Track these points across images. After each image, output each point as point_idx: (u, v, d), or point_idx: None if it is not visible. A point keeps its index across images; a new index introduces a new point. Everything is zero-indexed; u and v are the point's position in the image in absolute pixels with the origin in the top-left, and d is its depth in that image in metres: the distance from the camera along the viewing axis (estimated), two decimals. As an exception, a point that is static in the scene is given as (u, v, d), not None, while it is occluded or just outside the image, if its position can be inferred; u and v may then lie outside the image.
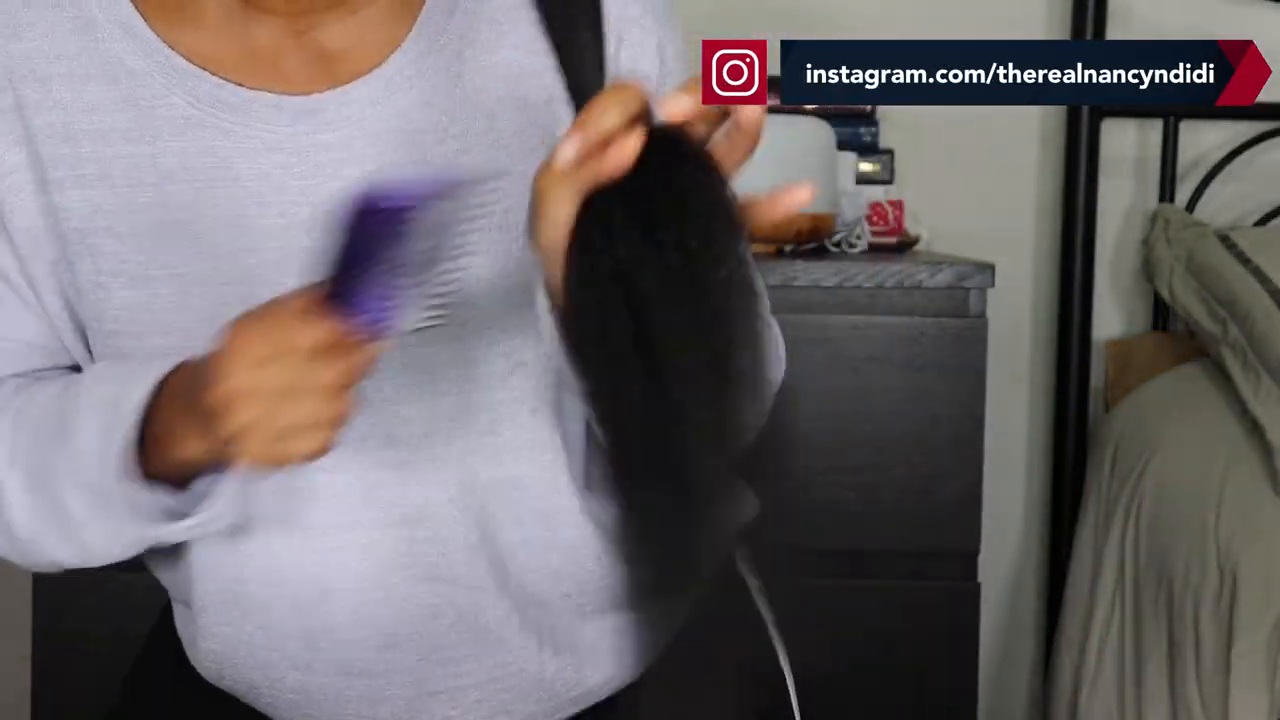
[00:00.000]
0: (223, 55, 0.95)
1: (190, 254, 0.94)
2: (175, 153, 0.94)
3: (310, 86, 0.96)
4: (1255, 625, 1.68)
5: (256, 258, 0.95)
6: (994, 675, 2.29)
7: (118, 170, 0.94)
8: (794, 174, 1.79)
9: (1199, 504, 1.83)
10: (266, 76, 0.95)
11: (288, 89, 0.95)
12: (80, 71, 0.94)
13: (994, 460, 1.91)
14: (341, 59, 0.96)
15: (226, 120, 0.94)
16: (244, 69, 0.95)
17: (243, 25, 0.95)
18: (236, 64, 0.95)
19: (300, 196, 0.95)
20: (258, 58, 0.95)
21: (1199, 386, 2.04)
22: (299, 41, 0.96)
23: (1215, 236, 2.09)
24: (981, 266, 1.75)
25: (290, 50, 0.96)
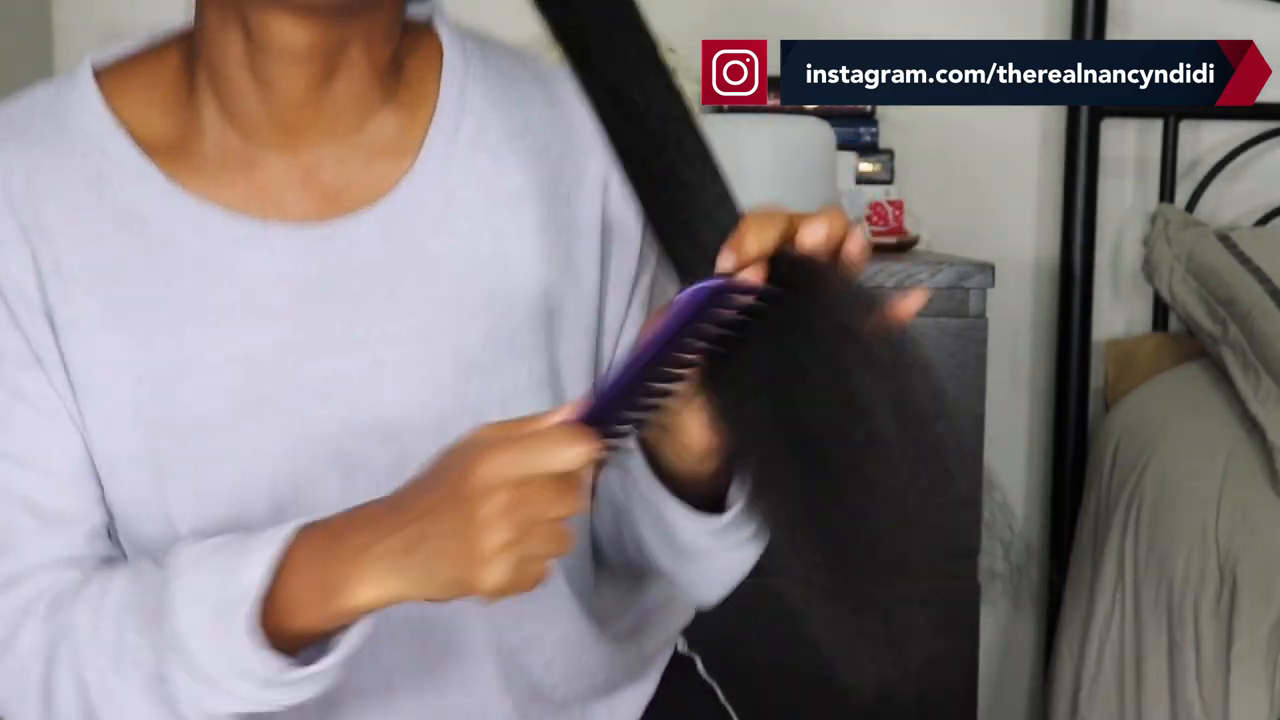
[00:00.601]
0: (229, 193, 0.96)
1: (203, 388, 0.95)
2: (188, 291, 0.95)
3: (317, 217, 0.97)
4: (1255, 625, 1.68)
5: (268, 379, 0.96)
6: (994, 675, 2.29)
7: (135, 310, 0.95)
8: (794, 174, 1.80)
9: (1199, 504, 1.83)
10: (273, 210, 0.96)
11: (294, 220, 0.97)
12: (93, 222, 0.95)
13: (994, 460, 1.91)
14: (346, 190, 0.98)
15: (238, 254, 0.96)
16: (252, 204, 0.96)
17: (246, 164, 0.97)
18: (244, 200, 0.96)
19: (315, 325, 0.96)
20: (264, 193, 0.97)
21: (1199, 386, 2.04)
22: (302, 176, 0.97)
23: (1215, 236, 2.09)
24: (981, 266, 1.75)
25: (294, 184, 0.97)
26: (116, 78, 0.99)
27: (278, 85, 0.94)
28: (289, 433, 0.96)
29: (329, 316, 0.96)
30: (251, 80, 0.94)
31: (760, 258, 0.83)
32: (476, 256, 0.98)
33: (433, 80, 1.01)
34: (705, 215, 0.86)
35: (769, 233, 0.83)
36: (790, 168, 1.79)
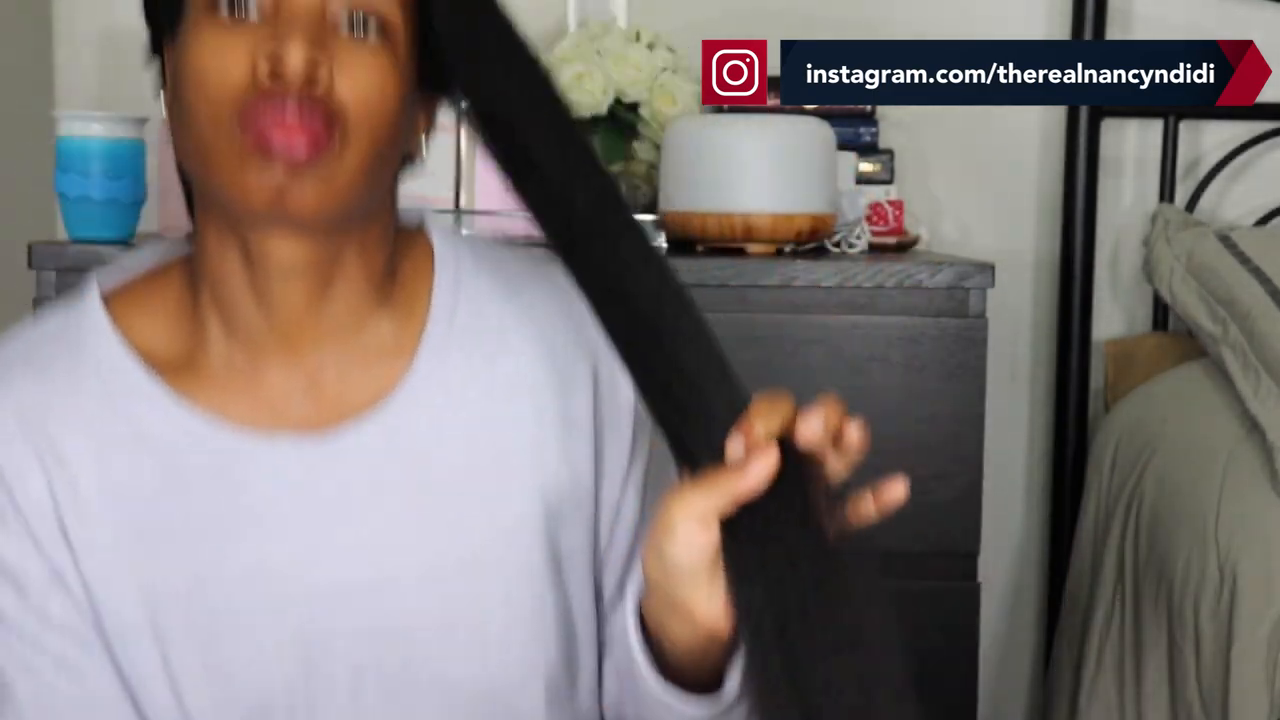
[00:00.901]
0: (236, 407, 1.01)
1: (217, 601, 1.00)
2: (200, 507, 1.00)
3: (322, 425, 1.01)
4: (1255, 625, 1.68)
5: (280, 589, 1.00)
6: (994, 675, 2.29)
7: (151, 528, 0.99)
8: (794, 174, 1.80)
9: (1199, 504, 1.83)
10: (279, 420, 1.01)
11: (300, 429, 1.01)
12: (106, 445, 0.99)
13: (994, 460, 1.91)
14: (347, 395, 1.03)
15: (247, 468, 1.00)
16: (259, 417, 1.01)
17: (251, 377, 1.01)
18: (251, 413, 1.01)
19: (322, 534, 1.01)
20: (270, 405, 1.01)
21: (1199, 386, 2.04)
22: (305, 384, 1.02)
23: (1215, 236, 2.09)
24: (981, 266, 1.75)
25: (298, 394, 1.02)
26: (123, 300, 1.04)
27: (277, 300, 0.99)
28: (301, 637, 1.00)
29: (336, 525, 1.01)
30: (252, 296, 0.99)
31: (767, 444, 0.86)
32: (475, 453, 1.03)
33: (426, 280, 1.06)
34: (709, 402, 0.90)
35: (774, 421, 0.88)
36: (790, 168, 1.79)
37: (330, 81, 0.94)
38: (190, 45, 0.96)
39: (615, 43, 1.99)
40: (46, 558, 1.00)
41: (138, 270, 1.07)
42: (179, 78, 0.98)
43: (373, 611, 1.01)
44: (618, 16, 2.13)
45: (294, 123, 0.93)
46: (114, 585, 1.00)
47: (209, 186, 0.97)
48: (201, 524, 1.00)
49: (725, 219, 1.77)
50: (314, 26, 0.95)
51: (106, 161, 1.66)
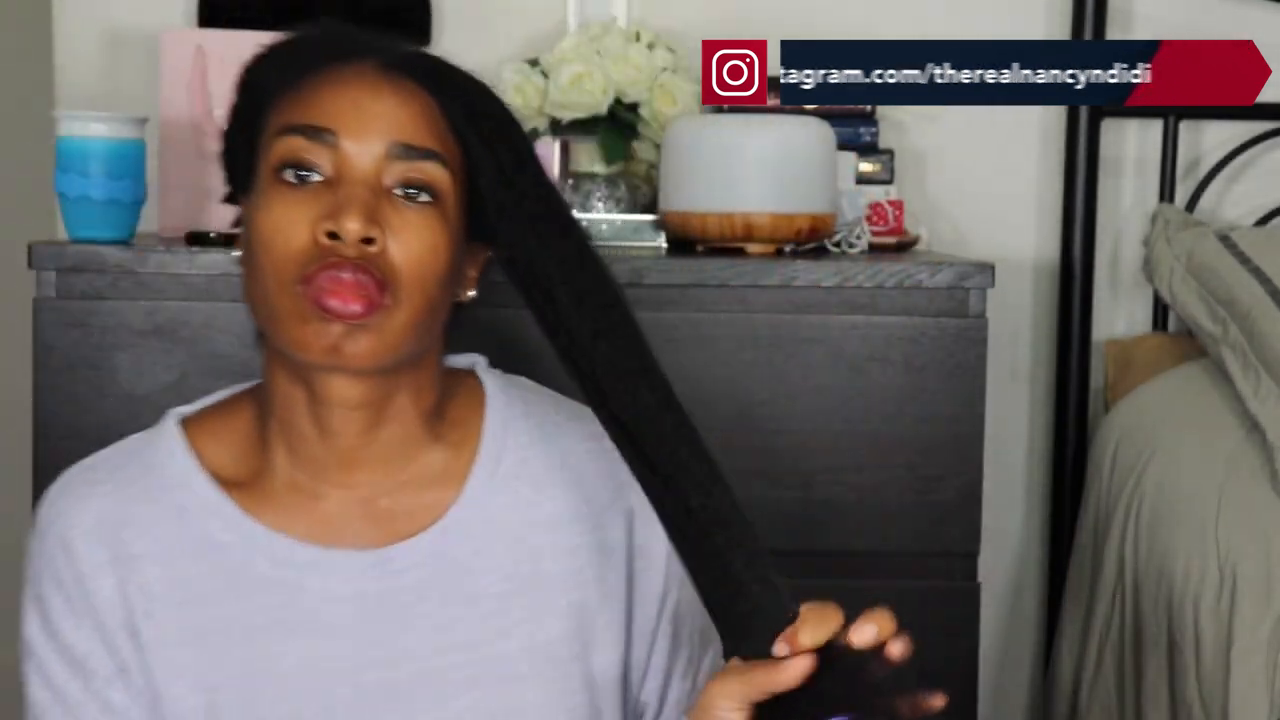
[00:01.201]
0: (297, 525, 1.13)
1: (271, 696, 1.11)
2: (260, 609, 1.11)
3: (375, 543, 1.13)
4: (1255, 625, 1.68)
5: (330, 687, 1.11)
6: (994, 675, 2.29)
7: (213, 627, 1.11)
8: (794, 174, 1.80)
9: (1199, 504, 1.83)
10: (336, 538, 1.13)
11: (356, 545, 1.13)
12: (176, 551, 1.11)
13: (994, 460, 1.91)
14: (399, 518, 1.14)
15: (305, 577, 1.12)
16: (316, 533, 1.13)
17: (312, 499, 1.14)
18: (310, 530, 1.13)
19: (371, 638, 1.12)
20: (328, 524, 1.13)
21: (1199, 386, 2.04)
22: (361, 507, 1.14)
23: (1215, 236, 2.09)
24: (981, 266, 1.75)
25: (355, 516, 1.14)
26: (198, 426, 1.17)
27: (336, 429, 1.12)
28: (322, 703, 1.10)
29: (384, 631, 1.12)
30: (314, 427, 1.12)
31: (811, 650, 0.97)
32: (516, 576, 1.15)
33: (476, 420, 1.19)
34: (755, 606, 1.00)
35: (822, 631, 0.98)
36: (790, 168, 1.79)
37: (384, 244, 1.07)
38: (260, 207, 1.09)
39: (615, 43, 1.99)
40: (114, 651, 1.11)
41: (213, 402, 1.20)
42: (249, 233, 1.11)
43: (414, 711, 1.11)
44: (618, 16, 2.13)
45: (350, 286, 1.05)
46: (177, 677, 1.10)
47: (273, 337, 1.10)
48: (260, 624, 1.11)
49: (725, 219, 1.77)
50: (370, 192, 1.07)
51: (106, 161, 1.66)
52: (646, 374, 1.05)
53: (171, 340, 1.65)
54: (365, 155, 1.08)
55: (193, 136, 1.82)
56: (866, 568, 1.76)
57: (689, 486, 1.02)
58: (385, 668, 1.12)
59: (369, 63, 1.12)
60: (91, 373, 1.65)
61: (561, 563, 1.16)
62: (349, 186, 1.07)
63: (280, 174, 1.09)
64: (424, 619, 1.12)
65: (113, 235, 1.68)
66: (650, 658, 1.21)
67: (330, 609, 1.12)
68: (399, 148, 1.09)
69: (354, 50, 1.14)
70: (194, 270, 1.66)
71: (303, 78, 1.12)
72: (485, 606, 1.14)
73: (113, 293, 1.66)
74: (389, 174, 1.09)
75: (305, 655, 1.11)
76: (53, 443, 1.64)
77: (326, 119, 1.09)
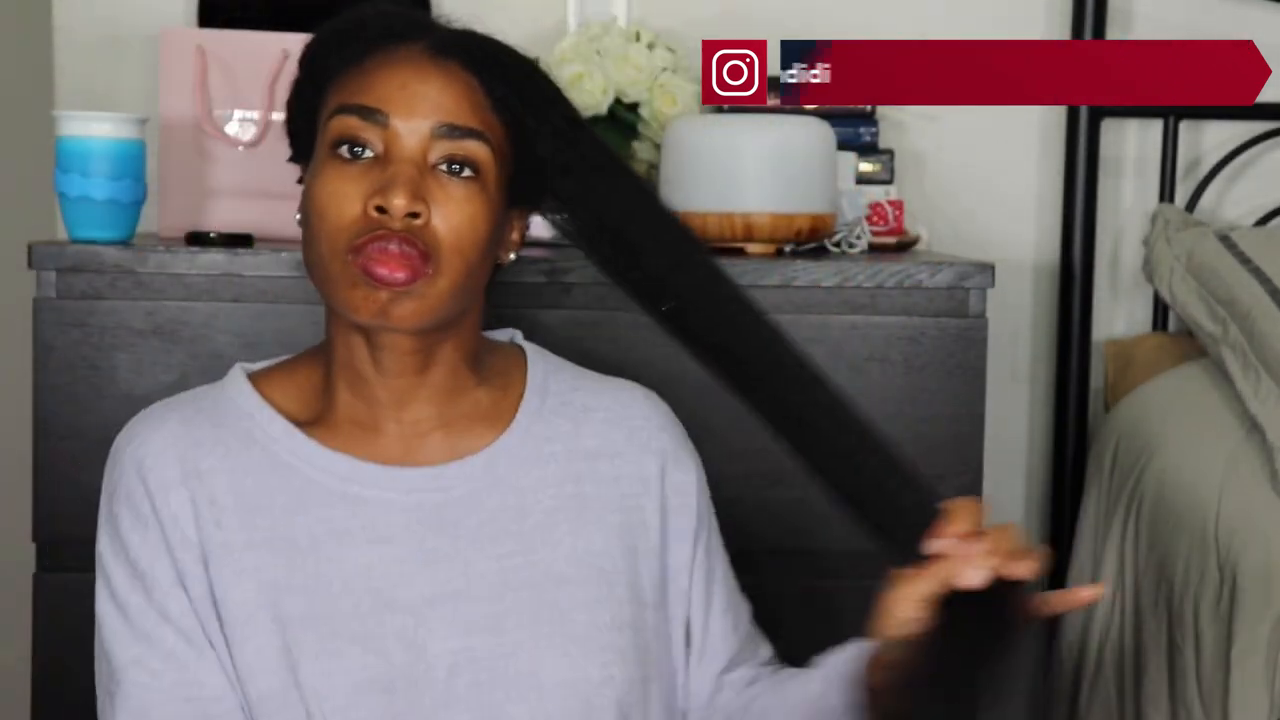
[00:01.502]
0: (359, 449, 1.25)
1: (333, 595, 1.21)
2: (323, 520, 1.22)
3: (433, 463, 1.26)
4: (1255, 625, 1.68)
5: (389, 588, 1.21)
6: (994, 675, 2.29)
7: (277, 537, 1.21)
8: (794, 174, 1.80)
9: (1199, 504, 1.83)
10: (394, 460, 1.26)
11: (414, 466, 1.26)
12: (244, 467, 1.23)
13: (994, 460, 1.91)
14: (451, 446, 1.27)
15: (366, 490, 1.24)
16: (377, 457, 1.25)
17: (372, 429, 1.26)
18: (370, 455, 1.25)
19: (424, 544, 1.23)
20: (387, 450, 1.26)
21: (1199, 386, 2.04)
22: (419, 440, 1.27)
23: (1215, 236, 2.09)
24: (981, 266, 1.75)
25: (412, 445, 1.27)
26: (263, 378, 1.30)
27: (392, 371, 1.25)
28: (405, 629, 1.20)
29: (439, 538, 1.23)
30: (373, 368, 1.25)
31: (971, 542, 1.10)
32: (561, 495, 1.28)
33: (520, 372, 1.34)
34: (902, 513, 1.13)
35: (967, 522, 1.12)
36: (790, 168, 1.79)
37: (428, 217, 1.18)
38: (318, 177, 1.21)
39: (615, 43, 1.99)
40: (175, 562, 1.20)
41: (274, 363, 1.33)
42: (307, 200, 1.23)
43: (468, 611, 1.21)
44: (618, 16, 2.13)
45: (396, 257, 1.17)
46: (242, 583, 1.19)
47: (327, 298, 1.23)
48: (324, 534, 1.22)
49: (725, 219, 1.77)
50: (416, 169, 1.19)
51: (106, 161, 1.66)
52: (732, 297, 1.16)
53: (171, 340, 1.65)
54: (413, 134, 1.19)
55: (193, 136, 1.82)
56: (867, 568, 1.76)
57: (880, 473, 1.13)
58: (440, 570, 1.22)
59: (418, 45, 1.22)
60: (91, 372, 1.65)
61: (603, 488, 1.29)
62: (397, 164, 1.19)
63: (336, 149, 1.20)
64: (476, 528, 1.24)
65: (113, 235, 1.68)
66: (690, 589, 1.32)
67: (390, 519, 1.22)
68: (444, 127, 1.20)
69: (405, 32, 1.24)
70: (194, 270, 1.66)
71: (357, 59, 1.23)
72: (533, 520, 1.26)
73: (112, 293, 1.66)
74: (434, 151, 1.20)
75: (366, 560, 1.21)
76: (53, 443, 1.64)
77: (378, 100, 1.20)
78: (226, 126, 1.82)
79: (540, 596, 1.23)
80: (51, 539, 1.66)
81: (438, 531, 1.23)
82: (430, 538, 1.23)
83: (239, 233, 1.74)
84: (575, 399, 1.33)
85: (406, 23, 1.26)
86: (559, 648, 1.22)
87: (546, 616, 1.23)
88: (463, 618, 1.21)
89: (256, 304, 1.67)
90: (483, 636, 1.21)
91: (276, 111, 1.82)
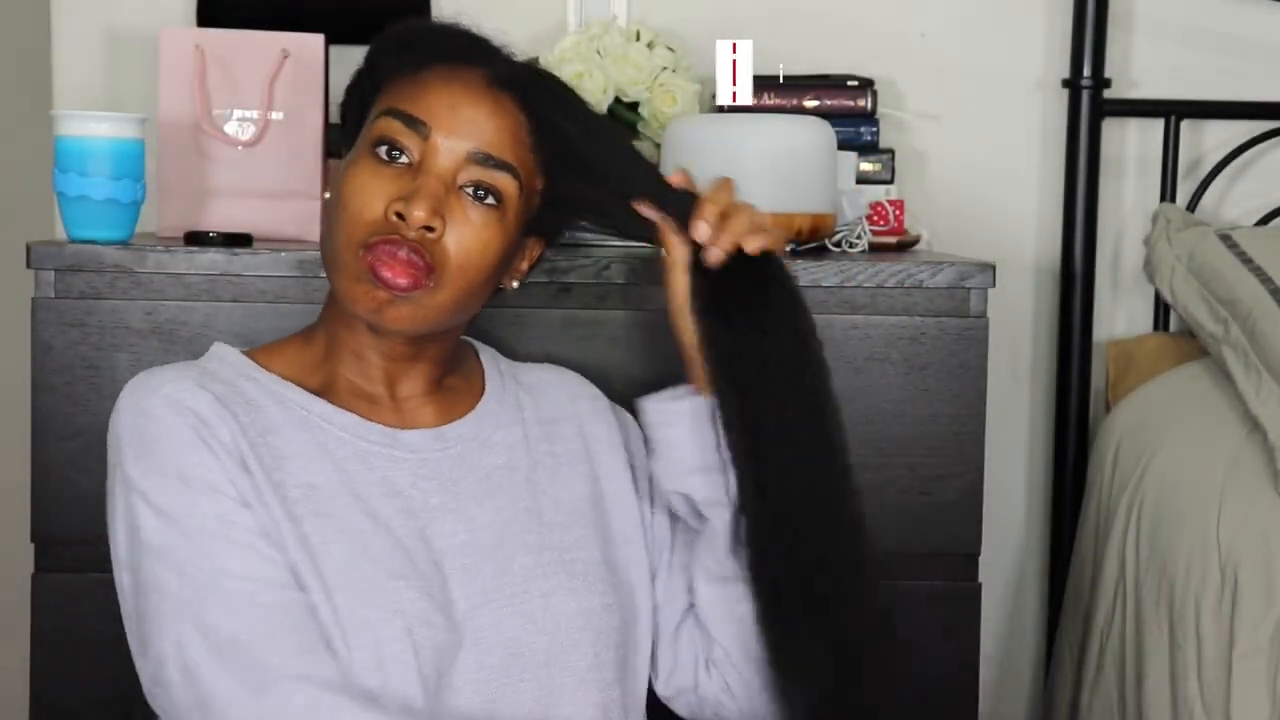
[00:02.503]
0: (361, 411, 1.34)
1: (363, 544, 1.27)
2: (343, 471, 1.29)
3: (429, 426, 1.36)
4: (1257, 625, 1.67)
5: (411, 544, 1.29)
6: (994, 675, 2.29)
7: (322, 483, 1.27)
8: (794, 174, 1.79)
9: (1200, 504, 1.82)
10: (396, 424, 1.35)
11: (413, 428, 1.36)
12: (269, 417, 1.29)
13: (994, 460, 1.91)
14: (443, 413, 1.39)
15: (374, 447, 1.32)
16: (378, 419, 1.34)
17: (371, 400, 1.35)
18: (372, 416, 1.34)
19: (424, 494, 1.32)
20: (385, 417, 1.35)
21: (1200, 386, 2.04)
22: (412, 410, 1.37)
23: (1216, 236, 2.09)
24: (982, 266, 1.74)
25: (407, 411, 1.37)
26: (256, 353, 1.36)
27: (386, 354, 1.35)
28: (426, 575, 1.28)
29: (439, 494, 1.33)
30: (373, 348, 1.34)
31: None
32: (538, 452, 1.40)
33: (477, 363, 1.47)
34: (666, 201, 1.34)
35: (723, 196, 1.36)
36: (790, 168, 1.79)
37: (443, 233, 1.25)
38: (352, 167, 1.28)
39: (615, 42, 1.99)
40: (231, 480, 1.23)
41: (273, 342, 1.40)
42: (337, 186, 1.29)
43: (477, 559, 1.30)
44: (618, 16, 2.13)
45: (403, 263, 1.23)
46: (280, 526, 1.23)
47: (332, 283, 1.30)
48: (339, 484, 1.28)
49: (725, 219, 1.77)
50: (443, 186, 1.25)
51: (106, 161, 1.66)
52: None
53: (170, 340, 1.64)
54: (450, 153, 1.25)
55: (192, 136, 1.81)
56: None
57: None
58: (446, 524, 1.31)
59: (478, 71, 1.29)
60: (90, 372, 1.64)
61: (570, 445, 1.42)
62: (426, 176, 1.25)
63: (375, 147, 1.26)
64: (474, 485, 1.34)
65: (112, 235, 1.67)
66: (653, 530, 1.43)
67: (398, 475, 1.31)
68: (480, 154, 1.26)
69: (469, 55, 1.30)
70: (193, 270, 1.66)
71: (417, 67, 1.29)
72: (521, 474, 1.37)
73: (111, 292, 1.65)
74: (465, 173, 1.26)
75: (386, 511, 1.28)
76: (51, 442, 1.64)
77: (425, 112, 1.26)
78: (226, 126, 1.82)
79: (540, 540, 1.33)
80: (50, 539, 1.65)
81: (440, 489, 1.32)
82: (435, 494, 1.32)
83: (238, 232, 1.74)
84: (522, 377, 1.47)
85: (474, 46, 1.33)
86: (564, 584, 1.31)
87: (548, 558, 1.31)
88: (474, 566, 1.29)
89: (256, 304, 1.66)
90: (495, 579, 1.29)
91: (275, 111, 1.82)
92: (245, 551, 1.21)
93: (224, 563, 1.20)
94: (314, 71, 1.85)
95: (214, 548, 1.20)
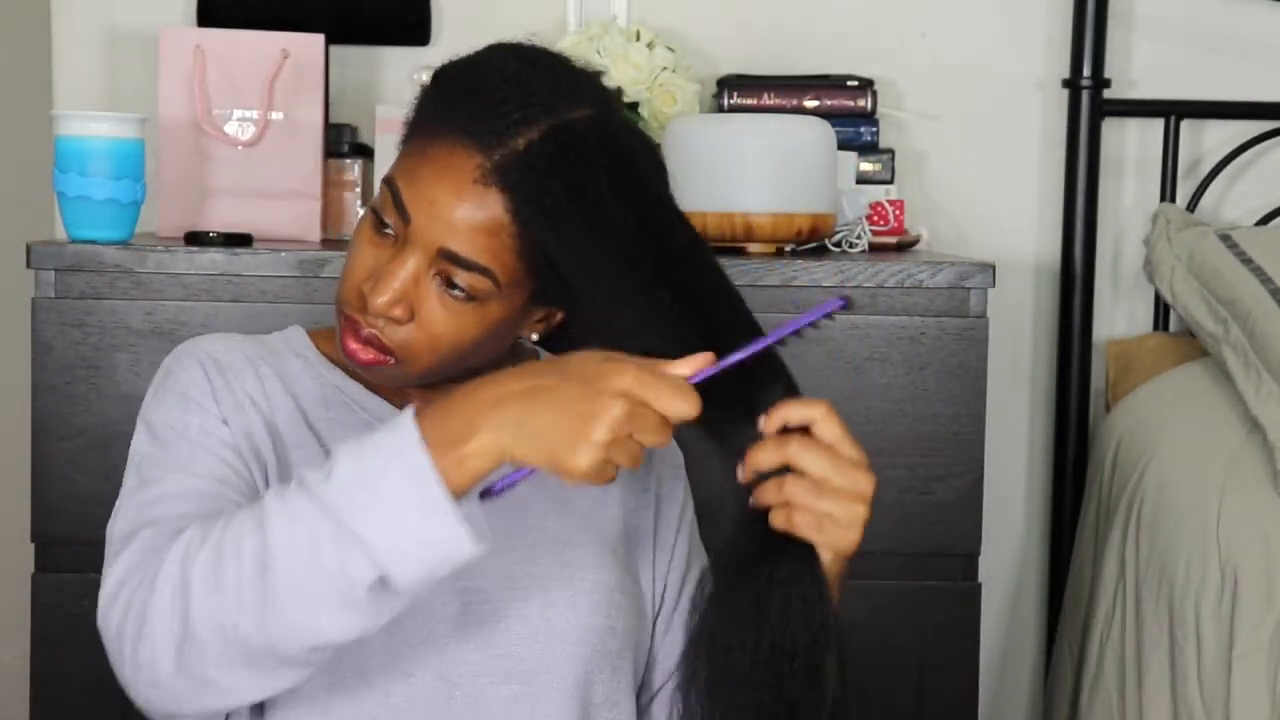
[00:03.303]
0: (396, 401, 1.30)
1: None
2: None
3: None
4: (1256, 625, 1.67)
5: None
6: (994, 675, 2.29)
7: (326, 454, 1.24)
8: (794, 174, 1.79)
9: (1200, 504, 1.82)
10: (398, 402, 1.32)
11: None
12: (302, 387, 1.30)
13: (994, 460, 1.91)
14: None
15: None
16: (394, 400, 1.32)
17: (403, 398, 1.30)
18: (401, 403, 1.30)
19: None
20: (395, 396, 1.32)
21: (1200, 386, 2.04)
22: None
23: (1216, 236, 2.09)
24: (981, 266, 1.74)
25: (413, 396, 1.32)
26: (318, 334, 1.35)
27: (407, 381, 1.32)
28: None
29: None
30: None
31: None
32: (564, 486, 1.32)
33: None
34: None
35: None
36: (790, 168, 1.79)
37: (407, 319, 1.21)
38: (360, 222, 1.26)
39: (615, 42, 1.99)
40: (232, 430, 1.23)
41: None
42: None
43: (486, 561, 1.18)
44: (618, 16, 2.13)
45: (362, 342, 1.22)
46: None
47: None
48: None
49: (725, 219, 1.77)
50: (413, 276, 1.21)
51: (106, 161, 1.66)
52: None
53: (170, 340, 1.64)
54: (424, 247, 1.20)
55: (192, 136, 1.81)
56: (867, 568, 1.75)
57: None
58: None
59: (475, 160, 1.19)
60: (90, 372, 1.64)
61: None
62: (399, 262, 1.21)
63: (374, 210, 1.24)
64: None
65: (112, 235, 1.67)
66: (670, 566, 1.37)
67: None
68: (448, 255, 1.20)
69: (477, 136, 1.19)
70: (192, 270, 1.66)
71: (431, 135, 1.22)
72: (548, 490, 1.28)
73: (111, 292, 1.65)
74: (436, 266, 1.21)
75: None
76: (51, 442, 1.64)
77: (411, 199, 1.21)
78: (225, 126, 1.82)
79: (553, 556, 1.28)
80: (50, 539, 1.65)
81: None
82: None
83: (238, 232, 1.74)
84: None
85: (490, 124, 1.19)
86: (567, 600, 1.27)
87: (557, 573, 1.28)
88: (480, 565, 1.22)
89: (255, 304, 1.66)
90: (497, 580, 1.26)
91: (275, 111, 1.83)
92: (207, 456, 1.21)
93: (185, 462, 1.21)
94: (314, 72, 1.85)
95: (182, 448, 1.22)
